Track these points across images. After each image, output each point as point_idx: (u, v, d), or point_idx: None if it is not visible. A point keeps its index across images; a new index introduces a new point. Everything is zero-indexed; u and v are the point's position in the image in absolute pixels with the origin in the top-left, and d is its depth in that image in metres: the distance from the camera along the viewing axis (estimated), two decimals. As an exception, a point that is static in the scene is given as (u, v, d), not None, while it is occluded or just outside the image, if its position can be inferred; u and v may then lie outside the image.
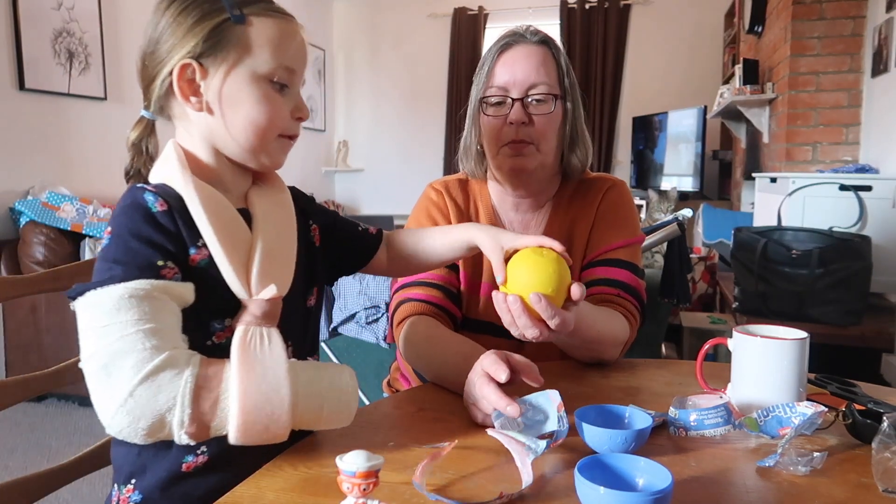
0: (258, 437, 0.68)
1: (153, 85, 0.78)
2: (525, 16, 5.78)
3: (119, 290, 0.67)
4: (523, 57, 1.11)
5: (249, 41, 0.76)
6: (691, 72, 5.43)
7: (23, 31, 3.21)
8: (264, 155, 0.80)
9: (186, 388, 0.65)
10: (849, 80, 3.18)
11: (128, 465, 0.78)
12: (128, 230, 0.71)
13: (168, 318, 0.69)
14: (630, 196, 1.23)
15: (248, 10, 0.77)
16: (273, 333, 0.72)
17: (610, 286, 1.13)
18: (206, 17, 0.75)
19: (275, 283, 0.75)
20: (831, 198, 2.43)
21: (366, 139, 6.47)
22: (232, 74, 0.76)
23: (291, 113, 0.81)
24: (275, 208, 0.83)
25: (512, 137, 1.11)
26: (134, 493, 0.77)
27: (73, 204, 3.12)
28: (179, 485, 0.76)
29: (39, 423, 2.73)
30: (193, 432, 0.66)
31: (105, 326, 0.66)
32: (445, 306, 1.15)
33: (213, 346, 0.74)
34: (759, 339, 0.83)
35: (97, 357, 0.66)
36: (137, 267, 0.69)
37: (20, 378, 0.92)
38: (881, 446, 0.66)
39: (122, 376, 0.64)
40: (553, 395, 0.77)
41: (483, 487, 0.66)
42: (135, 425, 0.65)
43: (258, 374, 0.68)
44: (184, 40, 0.75)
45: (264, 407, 0.68)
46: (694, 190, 4.75)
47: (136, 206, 0.72)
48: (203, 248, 0.73)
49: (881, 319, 2.21)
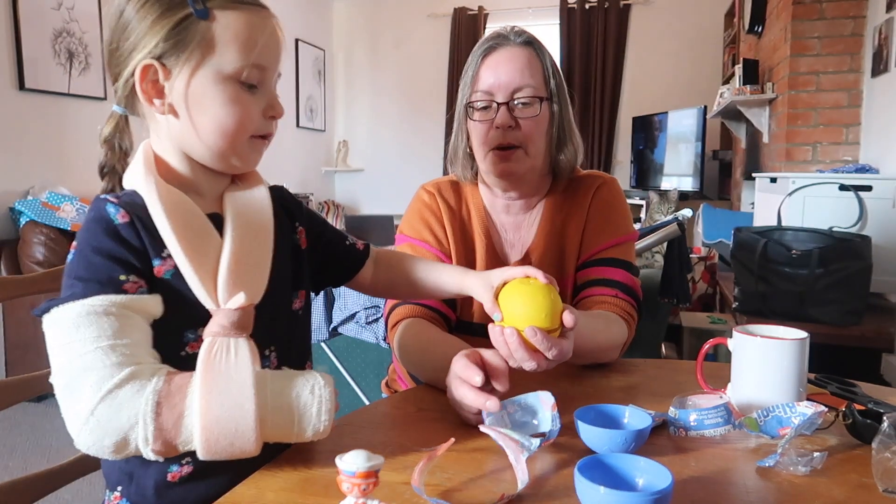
0: (224, 452, 0.66)
1: (118, 82, 0.75)
2: (525, 16, 5.78)
3: (77, 307, 0.65)
4: (507, 60, 1.10)
5: (214, 38, 0.71)
6: (691, 72, 5.43)
7: (23, 31, 3.21)
8: (235, 157, 0.76)
9: (148, 405, 0.63)
10: (849, 79, 3.18)
11: (115, 472, 0.77)
12: (89, 245, 0.69)
13: (132, 333, 0.67)
14: (621, 192, 1.22)
15: (213, 4, 0.72)
16: (241, 344, 0.69)
17: (606, 286, 1.12)
18: (168, 12, 0.71)
19: (245, 289, 0.71)
20: (831, 198, 2.42)
21: (366, 139, 6.47)
22: (196, 75, 0.72)
23: (263, 112, 0.76)
24: (249, 210, 0.79)
25: (499, 141, 1.10)
26: (121, 501, 0.77)
27: (73, 204, 3.12)
28: (168, 493, 0.75)
29: (39, 423, 2.73)
30: (159, 449, 0.64)
31: (66, 345, 0.65)
32: (439, 309, 1.15)
33: (188, 356, 0.72)
34: (759, 339, 0.83)
35: (60, 375, 0.65)
36: (98, 282, 0.67)
37: (20, 378, 0.92)
38: (881, 446, 0.66)
39: (83, 395, 0.63)
40: (545, 396, 0.77)
41: (483, 488, 0.66)
42: (100, 443, 0.64)
43: (221, 388, 0.65)
44: (145, 38, 0.71)
45: (228, 422, 0.65)
46: (694, 190, 4.75)
47: (98, 219, 0.70)
48: (168, 259, 0.71)
49: (881, 319, 2.21)
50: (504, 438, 0.68)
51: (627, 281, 1.14)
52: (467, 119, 1.14)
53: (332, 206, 5.93)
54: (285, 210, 0.87)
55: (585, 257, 1.16)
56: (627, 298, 1.12)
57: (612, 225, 1.17)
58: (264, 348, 0.77)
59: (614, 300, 1.11)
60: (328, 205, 5.93)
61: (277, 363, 0.81)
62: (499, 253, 1.20)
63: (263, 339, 0.74)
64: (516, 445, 0.67)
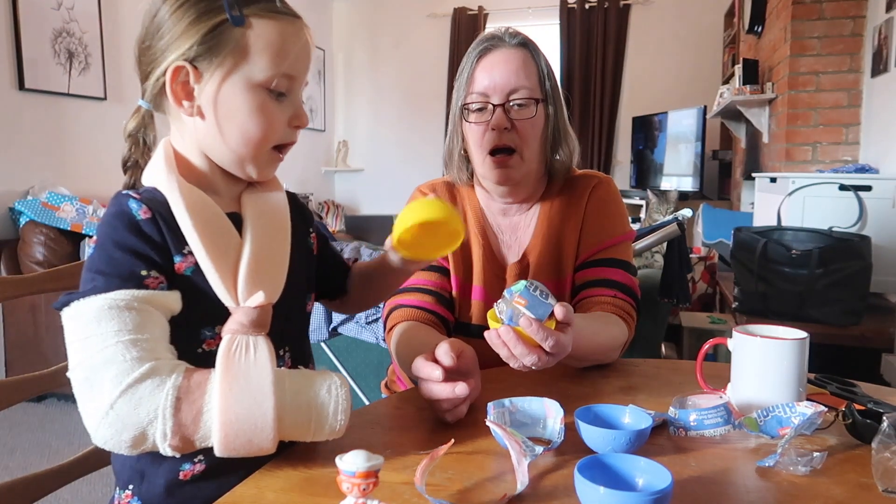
0: (243, 449, 0.67)
1: (148, 81, 0.76)
2: (525, 16, 5.78)
3: (99, 301, 0.66)
4: (503, 61, 1.10)
5: (248, 46, 0.72)
6: (691, 72, 5.43)
7: (23, 31, 3.21)
8: (252, 166, 0.77)
9: (167, 400, 0.64)
10: (848, 79, 3.18)
11: (126, 470, 0.78)
12: (111, 240, 0.69)
13: (152, 328, 0.67)
14: (617, 192, 1.22)
15: (249, 11, 0.72)
16: (260, 342, 0.69)
17: (605, 287, 1.12)
18: (204, 16, 0.71)
19: (264, 289, 0.72)
20: (831, 198, 2.42)
21: (365, 139, 6.47)
22: (227, 81, 0.73)
23: (289, 121, 0.77)
24: (268, 212, 0.80)
25: (495, 143, 1.10)
26: (133, 500, 0.77)
27: (73, 204, 3.12)
28: (179, 492, 0.76)
29: (39, 423, 2.73)
30: (177, 445, 0.65)
31: (87, 338, 0.65)
32: (437, 311, 1.15)
33: (204, 353, 0.73)
34: (759, 339, 0.83)
35: (80, 368, 0.65)
36: (119, 277, 0.67)
37: (20, 378, 0.92)
38: (881, 446, 0.66)
39: (103, 388, 0.63)
40: (552, 406, 0.77)
41: (485, 489, 0.66)
42: (118, 437, 0.64)
43: (241, 386, 0.66)
44: (179, 40, 0.72)
45: (247, 420, 0.66)
46: (694, 190, 4.75)
47: (120, 214, 0.71)
48: (189, 256, 0.71)
49: (881, 319, 2.21)
50: (508, 438, 0.68)
51: (626, 281, 1.14)
52: (462, 121, 1.14)
53: (332, 207, 5.92)
54: (300, 214, 0.88)
55: (584, 258, 1.16)
56: (626, 298, 1.12)
57: (609, 225, 1.17)
58: (279, 348, 0.78)
59: (613, 300, 1.11)
60: (328, 205, 5.93)
61: (292, 363, 0.82)
62: (496, 254, 1.20)
63: (278, 338, 0.75)
64: (520, 448, 0.67)
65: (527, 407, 0.79)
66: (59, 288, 0.95)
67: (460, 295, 1.18)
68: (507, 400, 0.80)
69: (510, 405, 0.79)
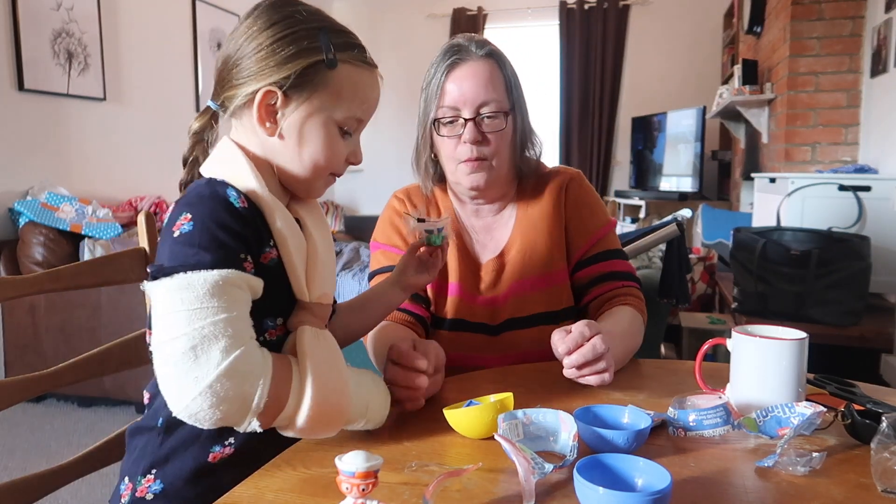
0: (318, 429, 0.74)
1: (232, 93, 0.80)
2: (524, 16, 5.78)
3: (214, 275, 0.68)
4: (471, 75, 1.12)
5: (335, 87, 0.80)
6: (690, 72, 5.44)
7: (22, 32, 3.21)
8: (307, 186, 0.85)
9: (268, 376, 0.68)
10: (848, 80, 3.18)
11: (149, 455, 0.80)
12: (213, 220, 0.72)
13: (246, 309, 0.71)
14: (590, 185, 1.27)
15: (342, 57, 0.80)
16: (328, 335, 0.79)
17: (612, 280, 1.19)
18: (303, 53, 0.78)
19: (326, 288, 0.82)
20: (830, 198, 2.43)
21: (365, 139, 6.36)
22: (313, 115, 0.80)
23: (348, 157, 0.86)
24: (320, 220, 0.89)
25: (468, 156, 1.13)
26: (154, 483, 0.79)
27: (73, 204, 3.12)
28: (204, 477, 0.78)
29: (39, 424, 2.73)
30: (265, 421, 0.69)
31: (197, 309, 0.67)
32: (413, 311, 1.19)
33: (265, 342, 0.77)
34: (758, 340, 0.83)
35: (186, 339, 0.66)
36: (226, 257, 0.70)
37: (20, 378, 0.92)
38: (880, 446, 0.66)
39: (210, 360, 0.65)
40: (567, 419, 0.74)
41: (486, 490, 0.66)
42: (214, 408, 0.65)
43: (325, 370, 0.74)
44: (276, 69, 0.77)
45: (330, 403, 0.73)
46: (693, 190, 4.75)
47: (217, 198, 0.73)
48: (273, 249, 0.77)
49: (880, 320, 2.22)
50: (517, 454, 0.65)
51: (626, 268, 1.21)
52: (433, 133, 1.17)
53: (332, 207, 5.92)
54: None
55: (578, 255, 1.20)
56: (633, 284, 1.20)
57: (594, 218, 1.22)
58: None
59: (625, 290, 1.18)
60: (328, 205, 5.93)
61: None
62: (471, 253, 1.23)
63: None
64: (528, 465, 0.64)
65: (541, 419, 0.76)
66: (59, 288, 0.95)
67: (436, 292, 1.22)
68: (520, 411, 0.77)
69: (524, 417, 0.76)
